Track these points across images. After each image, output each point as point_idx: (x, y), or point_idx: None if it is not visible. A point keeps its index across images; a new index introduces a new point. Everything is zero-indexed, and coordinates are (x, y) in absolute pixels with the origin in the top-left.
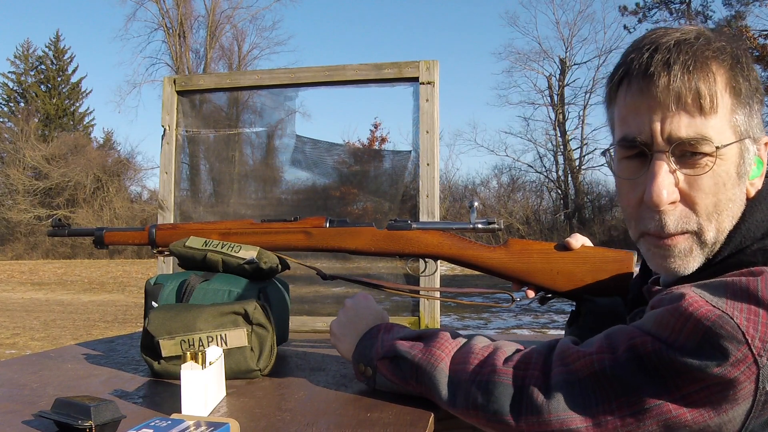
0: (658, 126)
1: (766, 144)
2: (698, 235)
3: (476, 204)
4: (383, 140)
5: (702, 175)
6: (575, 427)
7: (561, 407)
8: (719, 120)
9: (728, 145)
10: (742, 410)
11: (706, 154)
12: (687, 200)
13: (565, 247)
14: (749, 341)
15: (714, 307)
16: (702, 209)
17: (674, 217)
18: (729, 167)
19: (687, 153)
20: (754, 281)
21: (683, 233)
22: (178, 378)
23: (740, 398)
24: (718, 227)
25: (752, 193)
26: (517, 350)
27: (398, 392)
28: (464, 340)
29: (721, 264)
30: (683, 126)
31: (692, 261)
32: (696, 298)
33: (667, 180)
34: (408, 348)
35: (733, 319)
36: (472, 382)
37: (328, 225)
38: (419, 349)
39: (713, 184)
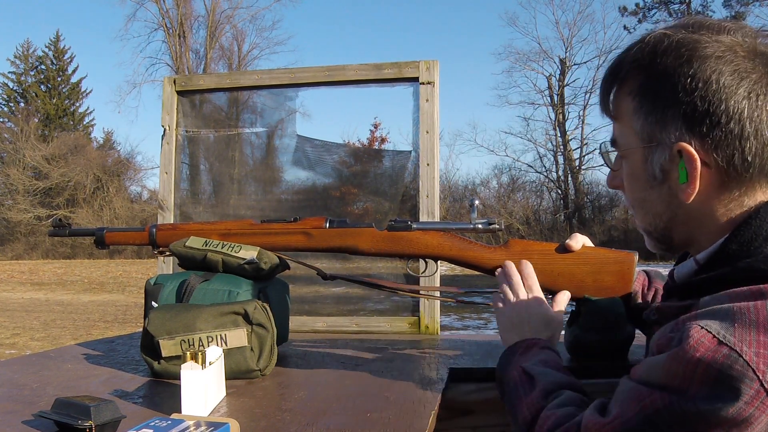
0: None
1: (680, 151)
2: (635, 217)
3: (477, 203)
4: (383, 140)
5: (619, 171)
6: None
7: None
8: (623, 124)
9: (629, 148)
10: None
11: (619, 155)
12: None
13: (566, 249)
14: (760, 377)
15: (721, 343)
16: (628, 199)
17: (626, 198)
18: (634, 169)
19: (615, 151)
20: (762, 308)
21: (632, 213)
22: (178, 378)
23: None
24: (641, 220)
25: (689, 197)
26: (568, 418)
27: None
28: (553, 396)
29: (732, 267)
30: (612, 128)
31: (647, 242)
32: (701, 338)
33: (611, 172)
34: (513, 386)
35: (742, 357)
36: None
37: (327, 225)
38: (518, 395)
39: (626, 182)
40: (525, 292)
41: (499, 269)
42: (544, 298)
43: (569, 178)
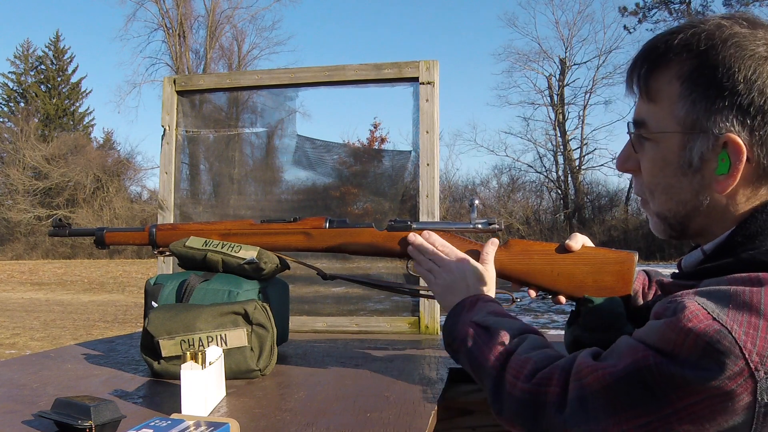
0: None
1: (725, 143)
2: (648, 203)
3: (477, 202)
4: (383, 140)
5: (641, 154)
6: None
7: (575, 422)
8: (660, 107)
9: (664, 132)
10: (743, 422)
11: (645, 138)
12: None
13: (566, 249)
14: (746, 356)
15: (714, 320)
16: (645, 183)
17: (637, 182)
18: (666, 154)
19: (640, 134)
20: (757, 293)
21: (642, 197)
22: (178, 378)
23: (739, 410)
24: (660, 206)
25: (726, 189)
26: (549, 360)
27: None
28: (517, 341)
29: (735, 258)
30: (636, 109)
31: (656, 225)
32: (696, 311)
33: (625, 152)
34: (470, 343)
35: (731, 334)
36: (508, 395)
37: (327, 225)
38: (478, 348)
39: (650, 166)
40: (445, 256)
41: (409, 247)
42: (466, 256)
43: (569, 178)
